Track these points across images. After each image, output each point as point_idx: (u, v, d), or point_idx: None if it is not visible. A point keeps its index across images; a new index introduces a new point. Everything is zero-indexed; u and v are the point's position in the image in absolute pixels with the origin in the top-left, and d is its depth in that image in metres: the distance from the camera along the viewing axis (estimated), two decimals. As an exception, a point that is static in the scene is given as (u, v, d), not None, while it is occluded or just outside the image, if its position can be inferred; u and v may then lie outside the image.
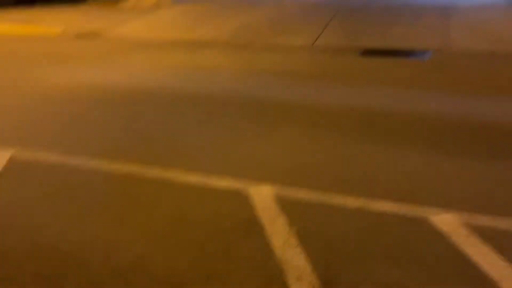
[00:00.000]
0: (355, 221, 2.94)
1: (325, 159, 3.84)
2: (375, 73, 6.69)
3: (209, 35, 9.76)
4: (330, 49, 8.15)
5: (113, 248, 2.66)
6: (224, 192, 3.28)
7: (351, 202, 3.13)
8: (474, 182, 3.46)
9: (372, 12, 11.59)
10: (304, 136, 4.31)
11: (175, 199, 3.20)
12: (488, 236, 2.70)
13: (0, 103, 5.38)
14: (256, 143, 4.16)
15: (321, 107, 5.12)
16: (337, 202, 3.14)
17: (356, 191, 3.26)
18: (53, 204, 3.16)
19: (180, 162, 3.72)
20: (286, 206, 3.06)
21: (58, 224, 2.92)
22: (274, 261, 2.53)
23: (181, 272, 2.44)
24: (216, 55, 8.03)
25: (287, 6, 12.80)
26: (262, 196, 3.19)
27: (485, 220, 2.89)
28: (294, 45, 8.56)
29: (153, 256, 2.59)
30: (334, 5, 12.24)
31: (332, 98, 5.47)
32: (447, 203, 3.09)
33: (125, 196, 3.25)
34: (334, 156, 3.91)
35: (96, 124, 4.65)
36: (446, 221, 2.88)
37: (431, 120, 4.71)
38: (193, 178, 3.45)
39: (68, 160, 3.78)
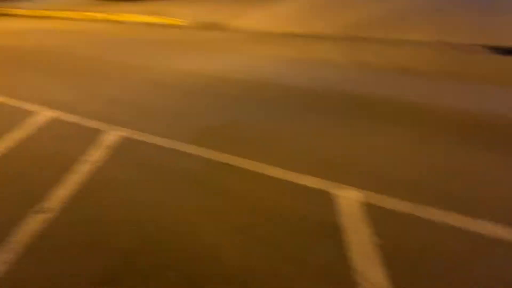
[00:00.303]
0: (453, 242, 2.59)
1: (427, 168, 3.45)
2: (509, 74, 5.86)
3: (326, 28, 9.54)
4: (457, 46, 7.35)
5: (192, 233, 2.73)
6: (310, 191, 3.14)
7: (451, 219, 2.76)
8: None
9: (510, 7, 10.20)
10: (408, 140, 3.93)
11: (259, 193, 3.16)
12: None
13: (119, 86, 5.92)
14: (353, 143, 3.91)
15: (436, 110, 4.63)
16: (434, 218, 2.79)
17: (459, 207, 2.87)
18: (150, 183, 3.36)
19: (271, 156, 3.67)
20: (374, 215, 2.83)
21: (149, 202, 3.09)
22: (349, 273, 2.35)
23: (250, 269, 2.40)
24: (330, 48, 7.80)
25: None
26: (349, 200, 2.99)
27: None
28: (415, 39, 7.91)
29: (228, 247, 2.59)
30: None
31: (451, 100, 4.91)
32: None
33: (214, 184, 3.31)
34: (438, 165, 3.49)
35: (201, 112, 4.83)
36: None
37: None
38: (281, 174, 3.38)
39: (170, 144, 3.99)
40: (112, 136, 4.17)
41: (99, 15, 13.81)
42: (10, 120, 4.66)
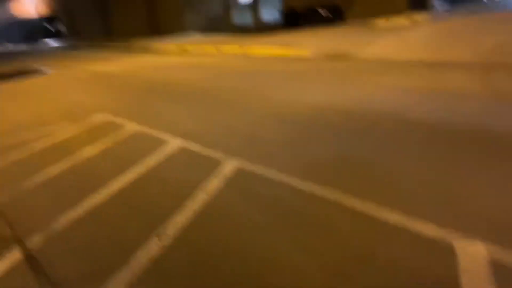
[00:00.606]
0: None
1: None
2: None
3: (461, 54, 8.80)
4: None
5: (295, 274, 2.67)
6: (428, 241, 2.83)
7: None
8: None
9: None
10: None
11: (367, 237, 2.97)
12: None
13: (240, 116, 6.22)
14: (485, 188, 3.44)
15: None
16: None
17: None
18: (256, 217, 3.40)
19: (385, 197, 3.44)
20: (503, 275, 2.43)
21: (253, 237, 3.12)
22: None
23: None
24: (465, 77, 7.14)
25: None
26: (471, 254, 2.62)
27: None
28: None
29: (329, 294, 2.46)
30: None
31: None
32: None
33: (320, 223, 3.22)
34: None
35: (316, 146, 4.77)
36: None
37: None
38: (395, 218, 3.12)
39: (281, 177, 4.02)
40: (228, 166, 4.36)
41: (229, 49, 14.88)
42: (144, 148, 5.21)
